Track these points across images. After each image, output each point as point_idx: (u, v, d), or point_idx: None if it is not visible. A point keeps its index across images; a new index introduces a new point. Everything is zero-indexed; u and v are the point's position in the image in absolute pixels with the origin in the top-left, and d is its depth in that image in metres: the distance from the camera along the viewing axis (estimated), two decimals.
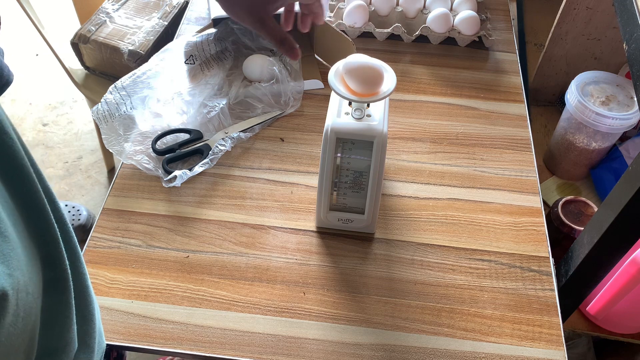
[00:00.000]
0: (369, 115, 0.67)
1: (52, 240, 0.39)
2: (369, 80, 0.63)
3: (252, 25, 0.63)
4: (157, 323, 0.65)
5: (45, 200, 0.38)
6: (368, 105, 0.68)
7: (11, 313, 0.31)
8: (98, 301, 0.66)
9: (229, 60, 0.92)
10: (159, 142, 0.80)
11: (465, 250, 0.72)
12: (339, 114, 0.67)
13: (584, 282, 0.75)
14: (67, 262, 0.40)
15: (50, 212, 0.38)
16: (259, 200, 0.77)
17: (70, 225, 0.42)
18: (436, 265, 0.71)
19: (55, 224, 0.39)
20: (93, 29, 1.30)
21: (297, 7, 0.68)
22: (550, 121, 1.21)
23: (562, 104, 1.04)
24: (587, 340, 1.10)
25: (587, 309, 0.87)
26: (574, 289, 0.76)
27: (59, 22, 1.87)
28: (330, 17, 1.03)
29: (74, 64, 1.39)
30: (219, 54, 0.92)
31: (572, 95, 0.97)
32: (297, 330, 0.64)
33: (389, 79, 0.65)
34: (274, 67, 0.87)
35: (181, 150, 0.80)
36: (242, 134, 0.83)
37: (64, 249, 0.40)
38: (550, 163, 1.11)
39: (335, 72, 0.65)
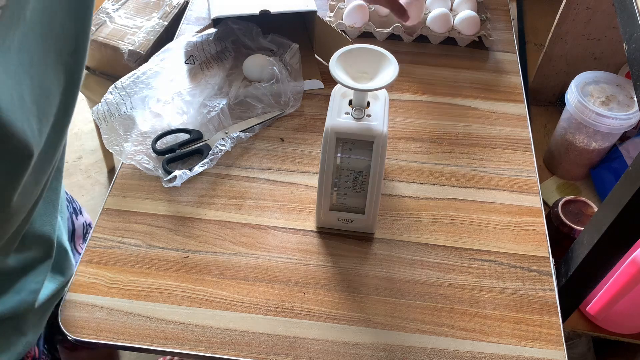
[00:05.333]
0: (369, 115, 0.67)
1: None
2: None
3: None
4: (157, 323, 0.65)
5: None
6: (368, 105, 0.68)
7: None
8: (98, 301, 0.66)
9: (229, 60, 0.92)
10: (159, 142, 0.80)
11: (465, 250, 0.72)
12: (339, 114, 0.67)
13: (584, 282, 0.75)
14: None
15: None
16: (259, 200, 0.77)
17: None
18: (436, 265, 0.71)
19: None
20: (93, 29, 1.30)
21: None
22: (550, 121, 1.21)
23: (562, 104, 1.04)
24: (587, 340, 1.10)
25: (587, 309, 0.87)
26: (574, 289, 0.76)
27: None
28: (330, 17, 1.03)
29: None
30: (219, 54, 0.91)
31: (572, 95, 0.97)
32: (297, 330, 0.64)
33: (391, 64, 0.64)
34: (274, 67, 0.87)
35: (181, 150, 0.80)
36: (242, 134, 0.83)
37: None
38: (550, 163, 1.11)
39: (336, 59, 0.65)
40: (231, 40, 0.93)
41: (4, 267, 0.51)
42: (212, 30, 0.90)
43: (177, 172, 0.76)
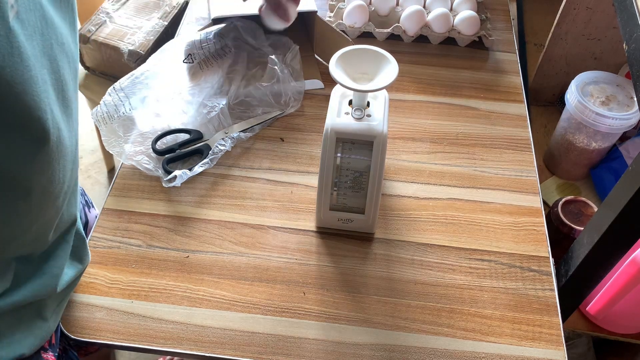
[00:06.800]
0: (369, 115, 0.67)
1: None
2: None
3: None
4: (157, 323, 0.65)
5: None
6: (368, 105, 0.68)
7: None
8: (98, 301, 0.66)
9: (229, 57, 0.92)
10: (158, 143, 0.80)
11: (465, 250, 0.72)
12: (339, 114, 0.67)
13: (584, 282, 0.75)
14: None
15: None
16: (259, 200, 0.77)
17: None
18: (436, 265, 0.71)
19: None
20: (93, 29, 1.30)
21: None
22: (550, 121, 1.21)
23: (562, 104, 1.04)
24: (587, 340, 1.10)
25: (587, 309, 0.87)
26: (574, 289, 0.76)
27: None
28: (330, 17, 1.03)
29: None
30: (218, 52, 0.91)
31: (572, 95, 0.97)
32: (297, 330, 0.64)
33: (391, 64, 0.64)
34: (275, 67, 0.87)
35: (181, 150, 0.80)
36: (242, 134, 0.83)
37: None
38: (550, 163, 1.11)
39: (337, 60, 0.65)
40: (232, 36, 0.93)
41: (39, 252, 0.53)
42: (213, 28, 0.90)
43: (177, 172, 0.76)
